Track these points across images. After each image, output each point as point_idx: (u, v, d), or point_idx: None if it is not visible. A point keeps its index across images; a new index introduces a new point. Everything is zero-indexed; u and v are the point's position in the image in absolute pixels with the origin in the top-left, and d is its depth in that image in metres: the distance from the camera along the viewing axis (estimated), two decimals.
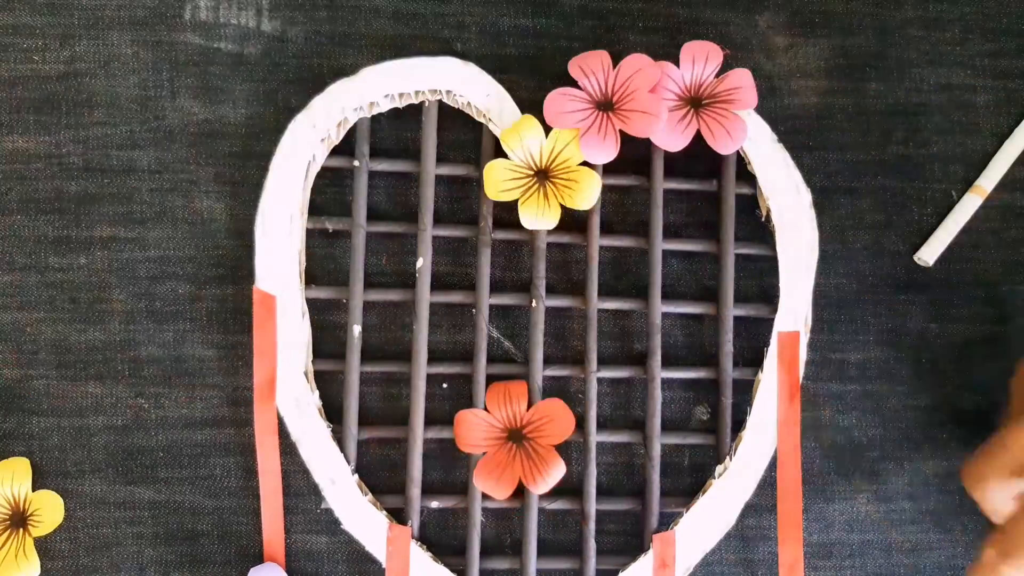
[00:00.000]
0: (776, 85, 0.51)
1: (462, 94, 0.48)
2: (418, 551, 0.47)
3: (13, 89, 0.48)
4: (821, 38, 0.51)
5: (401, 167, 0.48)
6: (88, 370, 0.48)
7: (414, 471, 0.47)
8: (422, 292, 0.47)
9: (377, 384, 0.49)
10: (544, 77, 0.49)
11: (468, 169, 0.48)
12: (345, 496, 0.47)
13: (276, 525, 0.47)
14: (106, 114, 0.48)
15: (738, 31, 0.51)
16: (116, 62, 0.48)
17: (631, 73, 0.47)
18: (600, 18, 0.50)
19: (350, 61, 0.49)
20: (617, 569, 0.48)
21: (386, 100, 0.48)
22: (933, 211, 0.51)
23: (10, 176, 0.48)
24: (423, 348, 0.47)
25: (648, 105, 0.46)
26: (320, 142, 0.47)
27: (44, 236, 0.48)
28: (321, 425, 0.47)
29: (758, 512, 0.49)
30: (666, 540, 0.47)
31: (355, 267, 0.47)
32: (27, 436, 0.47)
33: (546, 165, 0.47)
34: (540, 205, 0.47)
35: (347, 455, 0.47)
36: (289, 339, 0.47)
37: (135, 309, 0.48)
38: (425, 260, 0.48)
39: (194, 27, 0.49)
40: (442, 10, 0.50)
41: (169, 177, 0.48)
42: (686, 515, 0.48)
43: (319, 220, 0.48)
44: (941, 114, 0.51)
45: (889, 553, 0.50)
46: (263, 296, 0.47)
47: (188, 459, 0.48)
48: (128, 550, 0.47)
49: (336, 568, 0.48)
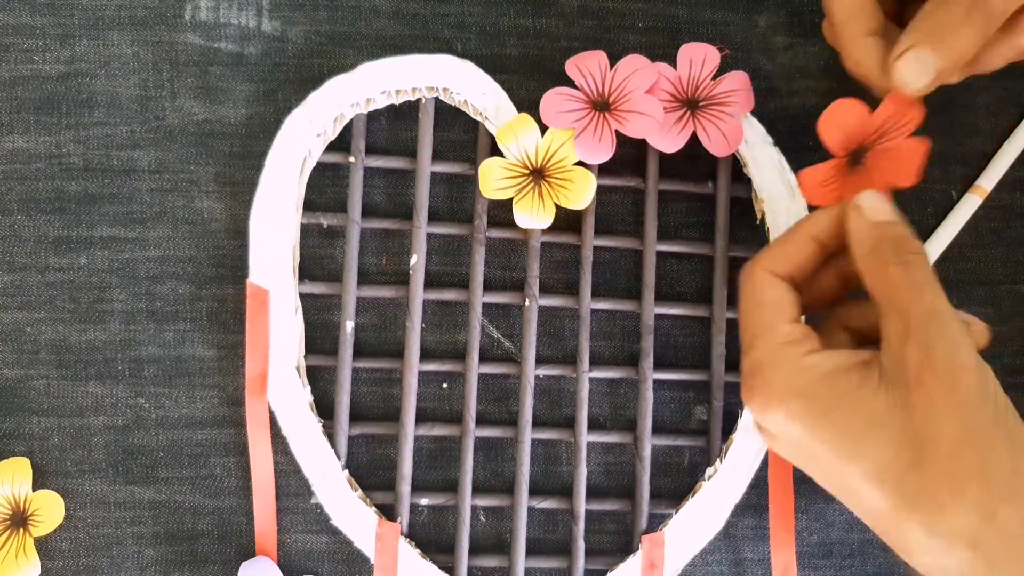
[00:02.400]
0: (776, 85, 0.51)
1: (459, 92, 0.48)
2: (407, 548, 0.47)
3: (13, 89, 0.48)
4: (821, 38, 0.51)
5: (397, 164, 0.48)
6: (88, 370, 0.48)
7: (404, 468, 0.47)
8: (415, 289, 0.48)
9: (375, 384, 0.49)
10: (544, 77, 0.49)
11: (464, 167, 0.49)
12: (335, 492, 0.47)
13: (268, 519, 0.47)
14: (106, 114, 0.48)
15: (738, 31, 0.51)
16: (116, 62, 0.48)
17: (628, 74, 0.47)
18: (600, 18, 0.50)
19: (350, 61, 0.49)
20: (606, 569, 0.48)
21: (383, 97, 0.48)
22: (933, 211, 0.51)
23: (10, 176, 0.48)
24: (415, 345, 0.47)
25: (645, 106, 0.46)
26: (316, 137, 0.47)
27: (44, 236, 0.48)
28: (312, 420, 0.47)
29: (749, 513, 0.49)
30: (655, 541, 0.47)
31: (349, 263, 0.47)
32: (27, 436, 0.47)
33: (541, 164, 0.47)
34: (535, 204, 0.47)
35: (338, 451, 0.47)
36: (282, 334, 0.47)
37: (135, 309, 0.48)
38: (419, 257, 0.48)
39: (194, 27, 0.49)
40: (442, 10, 0.50)
41: (169, 177, 0.48)
42: (675, 516, 0.48)
43: (314, 215, 0.48)
44: (941, 114, 0.51)
45: (889, 553, 0.50)
46: (256, 290, 0.47)
47: (188, 459, 0.48)
48: (128, 550, 0.48)
49: (328, 566, 0.48)
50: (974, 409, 0.36)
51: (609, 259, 0.50)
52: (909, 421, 0.36)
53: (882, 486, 0.36)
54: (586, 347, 0.48)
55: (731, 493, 0.48)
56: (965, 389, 0.36)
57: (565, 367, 0.49)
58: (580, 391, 0.48)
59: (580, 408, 0.48)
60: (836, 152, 0.44)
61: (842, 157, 0.44)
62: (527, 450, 0.48)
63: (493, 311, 0.49)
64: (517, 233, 0.48)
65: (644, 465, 0.48)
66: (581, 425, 0.48)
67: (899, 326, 0.37)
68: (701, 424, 0.50)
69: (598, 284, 0.49)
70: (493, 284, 0.49)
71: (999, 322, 0.51)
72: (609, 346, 0.50)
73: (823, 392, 0.38)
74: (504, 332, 0.49)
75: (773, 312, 0.40)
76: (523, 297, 0.48)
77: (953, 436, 0.36)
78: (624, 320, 0.50)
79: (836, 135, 0.44)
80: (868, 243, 0.39)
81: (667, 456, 0.50)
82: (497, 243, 0.49)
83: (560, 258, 0.50)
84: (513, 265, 0.50)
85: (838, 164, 0.44)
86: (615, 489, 0.50)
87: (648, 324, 0.48)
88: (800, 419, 0.38)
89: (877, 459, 0.36)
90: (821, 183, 0.45)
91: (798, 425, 0.38)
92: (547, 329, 0.50)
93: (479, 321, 0.48)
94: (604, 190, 0.49)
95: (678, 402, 0.50)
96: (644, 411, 0.48)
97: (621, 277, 0.50)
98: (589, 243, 0.48)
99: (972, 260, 0.51)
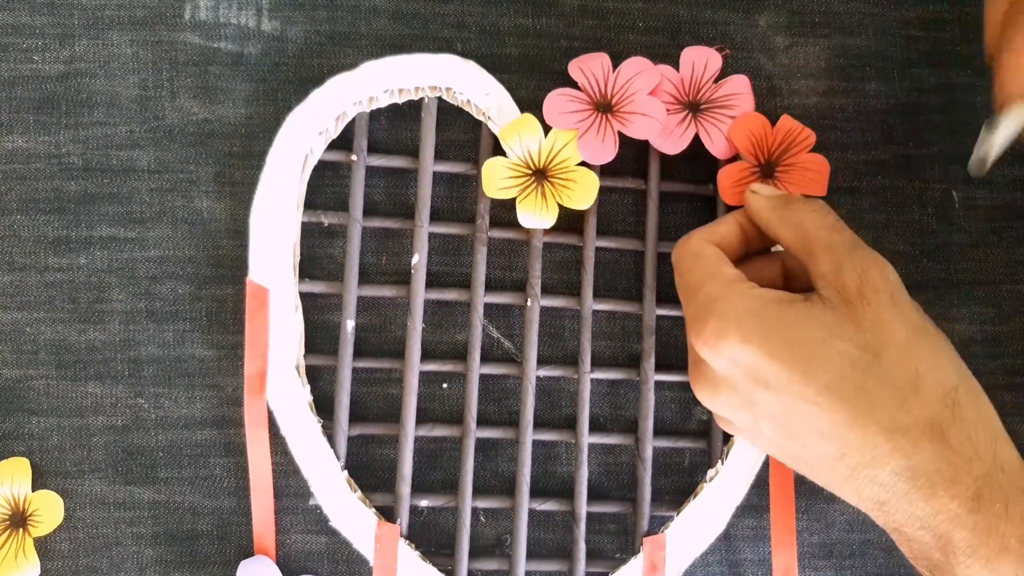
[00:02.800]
0: (776, 85, 0.51)
1: (462, 91, 0.48)
2: (407, 550, 0.47)
3: (13, 89, 0.48)
4: (821, 38, 0.51)
5: (399, 163, 0.48)
6: (88, 370, 0.48)
7: (404, 469, 0.47)
8: (417, 288, 0.48)
9: (375, 384, 0.49)
10: (544, 77, 0.49)
11: (466, 167, 0.49)
12: (334, 492, 0.47)
13: (266, 518, 0.47)
14: (106, 114, 0.48)
15: (738, 31, 0.51)
16: (116, 62, 0.48)
17: (631, 75, 0.47)
18: (600, 18, 0.50)
19: (350, 61, 0.49)
20: (607, 571, 0.48)
21: (385, 96, 0.48)
22: (933, 211, 0.51)
23: (10, 176, 0.48)
24: (416, 344, 0.47)
25: (647, 108, 0.46)
26: (318, 135, 0.47)
27: (44, 236, 0.48)
28: (312, 420, 0.47)
29: (749, 514, 0.49)
30: (656, 543, 0.47)
31: (350, 262, 0.47)
32: (27, 436, 0.47)
33: (544, 165, 0.47)
34: (538, 204, 0.47)
35: (337, 451, 0.47)
36: (281, 333, 0.47)
37: (135, 309, 0.48)
38: (421, 257, 0.48)
39: (194, 27, 0.49)
40: (442, 10, 0.50)
41: (169, 177, 0.48)
42: (677, 518, 0.48)
43: (315, 214, 0.48)
44: (941, 114, 0.51)
45: (889, 553, 0.50)
46: (256, 288, 0.47)
47: (188, 459, 0.48)
48: (128, 550, 0.48)
49: (328, 567, 0.48)
50: (913, 313, 0.40)
51: (610, 260, 0.50)
52: (859, 332, 0.39)
53: (841, 396, 0.38)
54: (587, 348, 0.48)
55: (732, 494, 0.48)
56: (902, 298, 0.40)
57: (566, 368, 0.49)
58: (581, 392, 0.48)
59: (581, 409, 0.48)
60: (748, 158, 0.48)
61: (754, 165, 0.48)
62: (528, 451, 0.48)
63: (494, 311, 0.49)
64: (518, 233, 0.48)
65: (645, 466, 0.48)
66: (582, 426, 0.48)
67: (830, 259, 0.40)
68: (702, 425, 0.50)
69: (599, 285, 0.49)
70: (494, 284, 0.49)
71: (999, 322, 0.51)
72: (610, 347, 0.50)
73: (776, 312, 0.40)
74: (505, 332, 0.49)
75: (715, 261, 0.42)
76: (524, 297, 0.48)
77: (903, 338, 0.39)
78: (625, 321, 0.50)
79: (744, 142, 0.47)
80: (776, 209, 0.43)
81: (668, 457, 0.50)
82: (498, 243, 0.49)
83: (561, 258, 0.50)
84: (514, 265, 0.50)
85: (752, 169, 0.48)
86: (616, 490, 0.50)
87: (649, 325, 0.48)
88: (756, 340, 0.39)
89: (835, 368, 0.38)
90: (735, 183, 0.48)
91: (754, 347, 0.39)
92: (548, 329, 0.50)
93: (480, 321, 0.48)
94: (606, 191, 0.49)
95: (679, 403, 0.50)
96: (645, 412, 0.48)
97: (622, 278, 0.50)
98: (591, 244, 0.48)
99: (972, 260, 0.51)
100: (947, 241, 0.51)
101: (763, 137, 0.48)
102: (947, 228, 0.51)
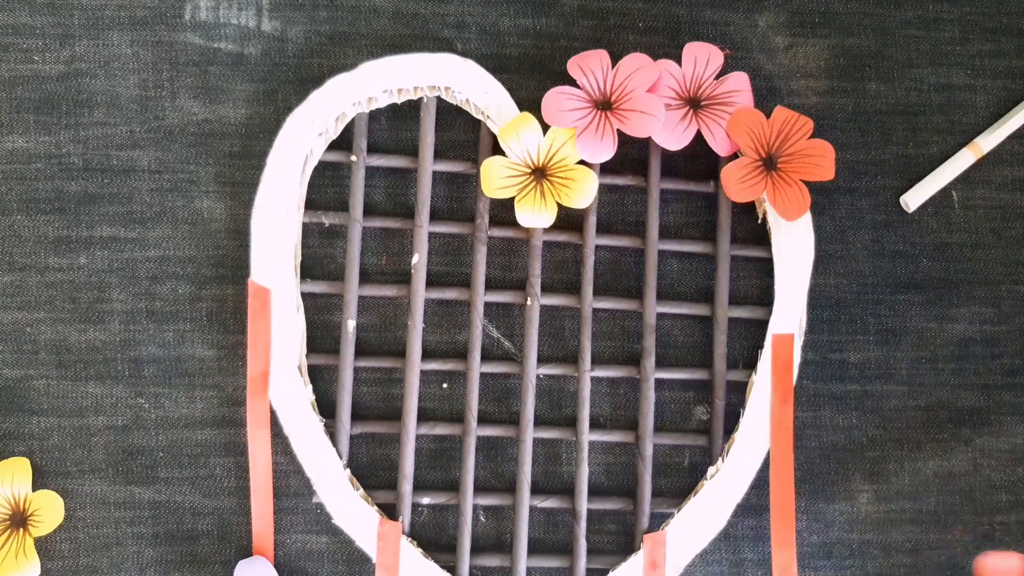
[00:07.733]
0: (776, 85, 0.51)
1: (461, 91, 0.48)
2: (409, 547, 0.47)
3: (13, 89, 0.48)
4: (821, 38, 0.51)
5: (399, 163, 0.48)
6: (88, 370, 0.48)
7: (406, 467, 0.47)
8: (417, 288, 0.48)
9: (377, 383, 0.49)
10: (544, 77, 0.49)
11: (465, 166, 0.49)
12: (336, 491, 0.47)
13: (266, 519, 0.47)
14: (106, 114, 0.48)
15: (738, 31, 0.51)
16: (116, 62, 0.48)
17: (630, 72, 0.47)
18: (600, 18, 0.50)
19: (350, 61, 0.49)
20: (607, 569, 0.48)
21: (385, 95, 0.48)
22: (933, 211, 0.51)
23: (10, 176, 0.48)
24: (417, 343, 0.47)
25: (646, 105, 0.46)
26: (318, 136, 0.47)
27: (44, 236, 0.48)
28: (314, 419, 0.47)
29: (749, 513, 0.49)
30: (657, 540, 0.47)
31: (351, 262, 0.47)
32: (27, 436, 0.47)
33: (543, 163, 0.47)
34: (537, 203, 0.47)
35: (339, 450, 0.47)
36: (283, 332, 0.47)
37: (135, 309, 0.48)
38: (421, 256, 0.48)
39: (194, 27, 0.49)
40: (442, 10, 0.50)
41: (169, 177, 0.48)
42: (677, 516, 0.48)
43: (315, 214, 0.48)
44: (941, 114, 0.51)
45: (889, 553, 0.50)
46: (258, 289, 0.47)
47: (188, 459, 0.48)
48: (128, 550, 0.47)
49: (328, 566, 0.48)
50: None
51: (610, 258, 0.50)
52: None
53: None
54: (587, 346, 0.48)
55: (733, 493, 0.48)
56: None
57: (566, 366, 0.49)
58: (581, 390, 0.48)
59: (581, 407, 0.48)
60: (748, 153, 0.48)
61: (756, 159, 0.48)
62: (528, 449, 0.48)
63: (494, 310, 0.49)
64: (518, 232, 0.48)
65: (646, 464, 0.48)
66: (583, 424, 0.48)
67: None
68: (702, 423, 0.50)
69: (599, 283, 0.49)
70: (494, 283, 0.49)
71: (999, 322, 0.51)
72: (610, 345, 0.50)
73: None
74: (505, 331, 0.49)
75: None
76: (524, 296, 0.48)
77: None
78: (625, 319, 0.50)
79: (743, 137, 0.47)
80: None
81: (668, 455, 0.50)
82: (498, 242, 0.49)
83: (561, 257, 0.50)
84: (514, 264, 0.50)
85: (755, 163, 0.48)
86: (616, 488, 0.50)
87: (650, 323, 0.48)
88: None
89: None
90: (740, 179, 0.47)
91: None
92: (548, 328, 0.50)
93: (480, 320, 0.48)
94: (605, 189, 0.49)
95: (679, 401, 0.50)
96: (646, 410, 0.48)
97: (622, 276, 0.50)
98: (591, 242, 0.48)
99: (972, 260, 0.51)
100: (947, 241, 0.51)
101: (760, 130, 0.48)
102: (947, 228, 0.51)
